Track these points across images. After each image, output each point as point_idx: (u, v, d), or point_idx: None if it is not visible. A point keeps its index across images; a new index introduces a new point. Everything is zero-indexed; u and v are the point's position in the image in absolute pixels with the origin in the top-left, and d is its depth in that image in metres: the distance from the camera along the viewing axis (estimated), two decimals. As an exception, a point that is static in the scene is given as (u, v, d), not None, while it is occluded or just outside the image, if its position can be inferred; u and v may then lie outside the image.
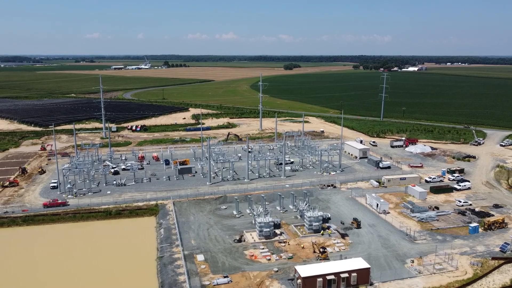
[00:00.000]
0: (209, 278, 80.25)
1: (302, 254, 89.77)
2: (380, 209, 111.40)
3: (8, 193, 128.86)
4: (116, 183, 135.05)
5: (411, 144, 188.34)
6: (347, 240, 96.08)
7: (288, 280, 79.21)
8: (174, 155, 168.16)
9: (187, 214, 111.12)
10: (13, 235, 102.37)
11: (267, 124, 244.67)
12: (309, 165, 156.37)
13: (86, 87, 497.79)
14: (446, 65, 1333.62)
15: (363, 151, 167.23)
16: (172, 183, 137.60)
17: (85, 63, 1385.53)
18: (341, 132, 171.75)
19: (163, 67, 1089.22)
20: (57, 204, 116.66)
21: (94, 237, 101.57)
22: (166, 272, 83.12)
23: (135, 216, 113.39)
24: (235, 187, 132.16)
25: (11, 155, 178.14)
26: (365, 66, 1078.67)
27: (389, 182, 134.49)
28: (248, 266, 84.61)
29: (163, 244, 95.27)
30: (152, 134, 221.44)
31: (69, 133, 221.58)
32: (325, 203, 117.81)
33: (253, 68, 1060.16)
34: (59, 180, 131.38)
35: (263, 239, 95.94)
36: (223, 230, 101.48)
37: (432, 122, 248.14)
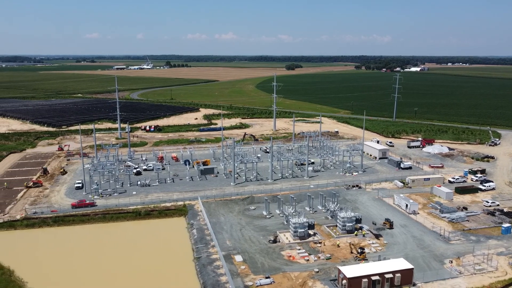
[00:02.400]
0: (251, 279, 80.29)
1: (339, 254, 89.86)
2: (410, 210, 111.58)
3: (34, 194, 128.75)
4: (141, 184, 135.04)
5: (428, 144, 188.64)
6: (381, 240, 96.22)
7: (330, 281, 79.29)
8: (194, 155, 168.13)
9: (217, 215, 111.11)
10: (46, 235, 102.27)
11: (280, 125, 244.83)
12: (330, 166, 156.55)
13: (93, 87, 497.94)
14: (447, 65, 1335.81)
15: (383, 152, 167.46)
16: (196, 184, 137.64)
17: (86, 63, 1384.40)
18: (362, 134, 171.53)
19: (165, 67, 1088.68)
20: (85, 205, 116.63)
21: (127, 238, 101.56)
22: (206, 272, 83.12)
23: (164, 216, 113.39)
24: (260, 188, 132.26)
25: (29, 156, 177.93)
26: (367, 67, 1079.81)
27: (414, 183, 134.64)
28: (287, 267, 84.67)
29: (198, 244, 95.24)
30: (167, 135, 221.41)
31: (84, 133, 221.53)
32: (353, 204, 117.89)
33: (255, 69, 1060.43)
34: (84, 180, 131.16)
35: (298, 240, 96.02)
36: (256, 231, 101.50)
37: (445, 123, 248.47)
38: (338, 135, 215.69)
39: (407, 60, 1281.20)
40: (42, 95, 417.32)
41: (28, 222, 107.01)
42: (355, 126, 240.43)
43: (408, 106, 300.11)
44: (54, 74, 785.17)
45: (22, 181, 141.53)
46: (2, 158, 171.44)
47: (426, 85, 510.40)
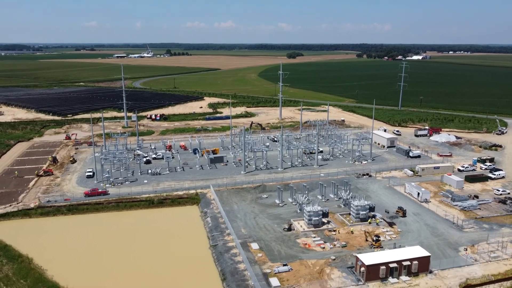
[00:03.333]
0: (269, 266, 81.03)
1: (354, 242, 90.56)
2: (422, 198, 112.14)
3: (45, 182, 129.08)
4: (151, 172, 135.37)
5: (435, 133, 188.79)
6: (395, 228, 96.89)
7: (347, 268, 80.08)
8: (202, 144, 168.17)
9: (230, 203, 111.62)
10: (61, 224, 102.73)
11: (285, 113, 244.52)
12: (339, 154, 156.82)
13: (94, 76, 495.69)
14: (449, 53, 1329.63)
15: (391, 140, 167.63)
16: (206, 172, 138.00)
17: (86, 52, 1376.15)
18: (372, 123, 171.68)
19: (165, 55, 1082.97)
20: (98, 193, 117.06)
21: (142, 226, 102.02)
22: (224, 260, 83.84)
23: (177, 205, 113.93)
24: (271, 176, 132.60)
25: (37, 144, 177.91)
26: (369, 55, 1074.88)
27: (423, 171, 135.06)
28: (304, 255, 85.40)
29: (213, 232, 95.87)
30: (173, 123, 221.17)
31: (89, 122, 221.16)
32: (365, 192, 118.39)
33: (255, 57, 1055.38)
34: (95, 169, 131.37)
35: (312, 228, 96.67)
36: (270, 219, 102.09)
37: (451, 111, 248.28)
38: (345, 123, 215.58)
39: (408, 48, 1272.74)
40: (45, 84, 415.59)
41: (43, 211, 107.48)
42: (361, 115, 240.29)
43: (413, 95, 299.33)
44: (55, 62, 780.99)
45: (32, 169, 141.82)
46: (10, 147, 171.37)
47: (429, 74, 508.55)
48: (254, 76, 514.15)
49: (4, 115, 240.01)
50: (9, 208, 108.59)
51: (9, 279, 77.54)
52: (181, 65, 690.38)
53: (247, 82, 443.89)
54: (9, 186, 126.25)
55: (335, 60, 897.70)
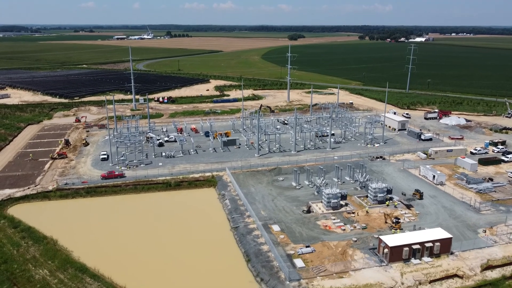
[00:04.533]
0: (292, 248, 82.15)
1: (374, 224, 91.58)
2: (437, 181, 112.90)
3: (60, 165, 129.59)
4: (166, 155, 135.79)
5: (444, 116, 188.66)
6: (413, 210, 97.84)
7: (369, 250, 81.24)
8: (213, 127, 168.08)
9: (247, 186, 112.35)
10: (81, 206, 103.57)
11: (292, 96, 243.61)
12: (350, 137, 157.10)
13: (97, 58, 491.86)
14: (451, 35, 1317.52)
15: (402, 123, 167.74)
16: (220, 155, 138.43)
17: (85, 33, 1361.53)
18: (384, 106, 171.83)
19: (165, 37, 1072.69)
20: (115, 176, 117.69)
21: (161, 208, 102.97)
22: (246, 242, 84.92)
23: (194, 187, 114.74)
24: (285, 159, 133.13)
25: (47, 127, 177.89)
26: (371, 37, 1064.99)
27: (436, 154, 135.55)
28: (325, 236, 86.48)
29: (233, 214, 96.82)
30: (181, 106, 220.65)
31: (97, 104, 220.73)
32: (380, 175, 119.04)
33: (257, 39, 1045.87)
34: (110, 152, 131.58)
35: (330, 210, 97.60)
36: (288, 201, 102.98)
37: (459, 94, 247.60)
38: (353, 106, 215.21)
39: (410, 30, 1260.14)
40: (47, 66, 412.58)
41: (62, 193, 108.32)
42: (368, 98, 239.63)
43: (419, 77, 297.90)
44: (55, 44, 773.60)
45: (45, 152, 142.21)
46: (20, 129, 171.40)
47: (434, 56, 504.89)
48: (257, 58, 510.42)
49: (10, 97, 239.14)
50: (28, 190, 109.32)
51: (37, 260, 78.63)
52: (182, 47, 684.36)
53: (251, 64, 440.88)
54: (25, 169, 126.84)
55: (337, 42, 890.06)
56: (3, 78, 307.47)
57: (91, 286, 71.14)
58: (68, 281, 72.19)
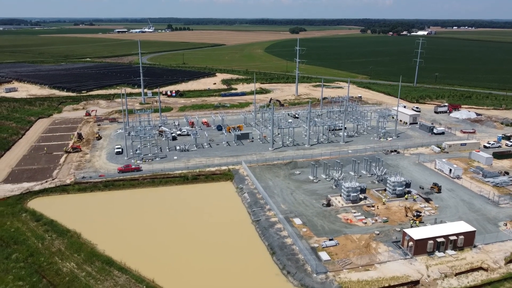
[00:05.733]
0: (315, 241, 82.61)
1: (394, 217, 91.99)
2: (454, 174, 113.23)
3: (75, 159, 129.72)
4: (180, 149, 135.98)
5: (454, 110, 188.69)
6: (432, 204, 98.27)
7: (393, 243, 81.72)
8: (224, 120, 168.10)
9: (264, 179, 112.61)
10: (100, 199, 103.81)
11: (300, 90, 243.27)
12: (363, 131, 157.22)
13: (100, 52, 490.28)
14: (453, 29, 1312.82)
15: (413, 117, 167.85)
16: (234, 149, 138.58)
17: (85, 27, 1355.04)
18: (397, 101, 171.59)
19: (167, 30, 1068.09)
20: (131, 170, 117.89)
21: (181, 201, 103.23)
22: (269, 235, 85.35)
23: (211, 181, 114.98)
24: (299, 153, 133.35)
25: (58, 121, 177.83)
26: (373, 30, 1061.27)
27: (450, 148, 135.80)
28: (347, 229, 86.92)
29: (253, 208, 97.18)
30: (189, 100, 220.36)
31: (105, 98, 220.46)
32: (395, 169, 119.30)
33: (258, 32, 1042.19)
34: (126, 145, 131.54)
35: (350, 204, 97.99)
36: (307, 195, 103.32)
37: (466, 88, 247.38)
38: (362, 100, 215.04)
39: (411, 23, 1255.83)
40: (51, 60, 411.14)
41: (80, 187, 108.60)
42: (377, 92, 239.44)
43: (425, 71, 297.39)
44: (56, 37, 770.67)
45: (58, 146, 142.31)
46: (31, 123, 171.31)
47: (438, 50, 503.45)
48: (261, 52, 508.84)
49: (18, 91, 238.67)
50: (46, 184, 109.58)
51: (63, 253, 79.04)
52: (185, 41, 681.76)
53: (255, 58, 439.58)
54: (40, 162, 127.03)
55: (339, 36, 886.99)
56: (9, 72, 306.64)
57: (119, 278, 71.60)
58: (96, 274, 72.66)
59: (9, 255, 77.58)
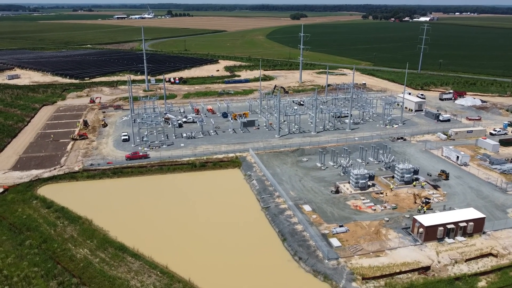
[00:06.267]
0: (325, 227, 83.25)
1: (403, 204, 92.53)
2: (461, 161, 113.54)
3: (82, 146, 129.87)
4: (186, 136, 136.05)
5: (459, 96, 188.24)
6: (440, 191, 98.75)
7: (402, 229, 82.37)
8: (230, 108, 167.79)
9: (272, 166, 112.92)
10: (109, 186, 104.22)
11: (304, 77, 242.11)
12: (368, 118, 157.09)
13: (100, 38, 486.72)
14: (455, 14, 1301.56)
15: (419, 104, 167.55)
16: (240, 136, 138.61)
17: (84, 13, 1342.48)
18: (404, 88, 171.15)
19: (166, 16, 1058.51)
20: (139, 157, 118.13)
21: (190, 188, 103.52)
22: (280, 221, 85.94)
23: (219, 168, 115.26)
24: (306, 140, 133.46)
25: (62, 108, 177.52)
26: (374, 16, 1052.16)
27: (457, 135, 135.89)
28: (357, 216, 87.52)
29: (262, 195, 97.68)
30: (193, 87, 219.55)
31: (108, 85, 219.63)
32: (403, 156, 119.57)
33: (259, 18, 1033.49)
34: (133, 133, 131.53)
35: (358, 191, 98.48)
36: (315, 182, 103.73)
37: (470, 75, 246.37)
38: (367, 87, 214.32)
39: (413, 9, 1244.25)
40: (52, 46, 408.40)
41: (88, 174, 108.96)
42: (381, 78, 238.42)
43: (429, 58, 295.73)
44: (56, 24, 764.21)
45: (65, 133, 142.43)
46: (36, 110, 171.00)
47: (440, 36, 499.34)
48: (262, 38, 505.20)
49: (20, 78, 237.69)
50: (55, 171, 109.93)
51: (76, 239, 79.72)
52: (185, 27, 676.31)
53: (257, 44, 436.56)
54: (48, 150, 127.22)
55: (340, 22, 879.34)
56: (10, 59, 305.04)
57: (133, 264, 72.36)
58: (110, 260, 73.38)
59: (23, 242, 78.28)
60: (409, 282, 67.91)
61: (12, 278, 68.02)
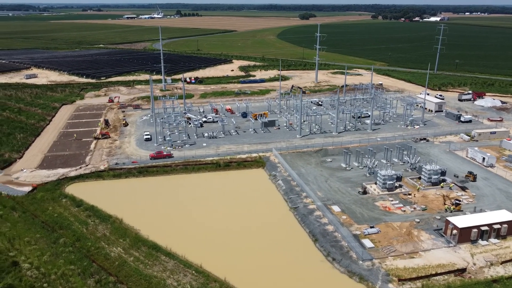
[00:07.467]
0: (356, 228, 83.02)
1: (433, 206, 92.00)
2: (487, 163, 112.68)
3: (105, 145, 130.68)
4: (208, 135, 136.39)
5: (478, 97, 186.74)
6: (469, 192, 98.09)
7: (434, 231, 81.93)
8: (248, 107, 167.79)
9: (297, 167, 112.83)
10: (136, 185, 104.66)
11: (319, 77, 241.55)
12: (388, 119, 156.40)
13: (112, 38, 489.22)
14: (465, 14, 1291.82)
15: (439, 105, 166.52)
16: (261, 136, 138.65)
17: (94, 12, 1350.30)
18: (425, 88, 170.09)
19: (175, 16, 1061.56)
20: (163, 156, 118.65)
21: (216, 188, 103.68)
22: (310, 222, 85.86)
23: (243, 168, 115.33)
24: (328, 140, 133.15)
25: (82, 107, 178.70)
26: (384, 16, 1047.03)
27: (480, 136, 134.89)
28: (387, 217, 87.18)
29: (289, 195, 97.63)
30: (209, 86, 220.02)
31: (125, 84, 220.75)
32: (427, 157, 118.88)
33: (268, 18, 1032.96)
34: (156, 132, 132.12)
35: (386, 192, 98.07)
36: (341, 182, 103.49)
37: (488, 75, 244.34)
38: (383, 87, 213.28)
39: (423, 9, 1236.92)
40: (65, 46, 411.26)
41: (115, 173, 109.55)
42: (397, 79, 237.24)
43: (444, 58, 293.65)
44: (66, 23, 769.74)
45: (86, 132, 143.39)
46: (56, 109, 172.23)
47: (452, 36, 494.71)
48: (273, 38, 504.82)
49: (38, 77, 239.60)
50: (81, 170, 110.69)
51: (108, 238, 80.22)
52: (195, 27, 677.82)
53: (268, 44, 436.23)
54: (72, 149, 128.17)
55: (350, 22, 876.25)
56: (25, 58, 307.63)
57: (167, 264, 72.66)
58: (144, 259, 73.75)
59: (57, 240, 78.89)
60: (446, 284, 67.52)
61: (49, 275, 68.65)
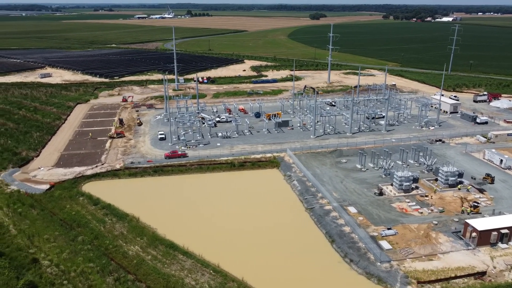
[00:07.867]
0: (373, 230, 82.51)
1: (450, 208, 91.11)
2: (505, 165, 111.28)
3: (120, 144, 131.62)
4: (222, 135, 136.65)
5: (494, 98, 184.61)
6: (487, 195, 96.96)
7: (452, 233, 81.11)
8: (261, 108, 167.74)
9: (311, 167, 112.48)
10: (151, 184, 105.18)
11: (331, 77, 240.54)
12: (403, 119, 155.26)
13: (123, 37, 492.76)
14: (478, 14, 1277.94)
15: (454, 106, 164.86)
16: (275, 136, 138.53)
17: (105, 12, 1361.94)
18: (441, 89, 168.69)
19: (186, 16, 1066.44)
20: (178, 156, 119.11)
21: (232, 188, 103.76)
22: (326, 223, 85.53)
23: (257, 168, 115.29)
24: (342, 141, 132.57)
25: (96, 106, 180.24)
26: (395, 16, 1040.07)
27: (497, 138, 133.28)
28: (404, 219, 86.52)
29: (305, 196, 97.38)
30: (221, 86, 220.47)
31: (138, 84, 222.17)
32: (443, 158, 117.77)
33: (278, 18, 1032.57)
34: (170, 131, 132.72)
35: (402, 193, 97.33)
36: (357, 183, 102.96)
37: (503, 76, 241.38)
38: (397, 88, 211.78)
39: (434, 9, 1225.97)
40: (78, 45, 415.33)
41: (130, 172, 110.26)
42: (410, 79, 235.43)
43: (458, 59, 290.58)
44: (78, 23, 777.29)
45: (101, 131, 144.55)
46: (71, 109, 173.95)
47: (466, 36, 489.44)
48: (284, 38, 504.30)
49: (52, 76, 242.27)
50: (97, 169, 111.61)
51: (126, 237, 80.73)
52: (205, 27, 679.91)
53: (279, 44, 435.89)
54: (87, 147, 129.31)
55: (361, 22, 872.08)
56: (39, 57, 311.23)
57: (185, 263, 72.90)
58: (162, 258, 74.09)
59: (75, 237, 79.66)
60: (466, 287, 66.85)
61: (69, 273, 69.32)
